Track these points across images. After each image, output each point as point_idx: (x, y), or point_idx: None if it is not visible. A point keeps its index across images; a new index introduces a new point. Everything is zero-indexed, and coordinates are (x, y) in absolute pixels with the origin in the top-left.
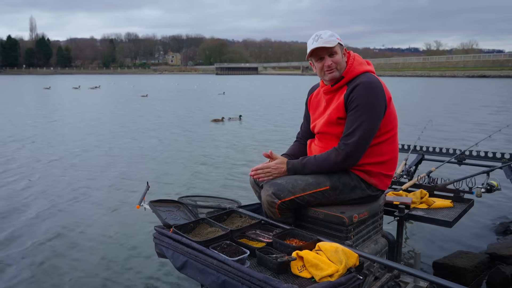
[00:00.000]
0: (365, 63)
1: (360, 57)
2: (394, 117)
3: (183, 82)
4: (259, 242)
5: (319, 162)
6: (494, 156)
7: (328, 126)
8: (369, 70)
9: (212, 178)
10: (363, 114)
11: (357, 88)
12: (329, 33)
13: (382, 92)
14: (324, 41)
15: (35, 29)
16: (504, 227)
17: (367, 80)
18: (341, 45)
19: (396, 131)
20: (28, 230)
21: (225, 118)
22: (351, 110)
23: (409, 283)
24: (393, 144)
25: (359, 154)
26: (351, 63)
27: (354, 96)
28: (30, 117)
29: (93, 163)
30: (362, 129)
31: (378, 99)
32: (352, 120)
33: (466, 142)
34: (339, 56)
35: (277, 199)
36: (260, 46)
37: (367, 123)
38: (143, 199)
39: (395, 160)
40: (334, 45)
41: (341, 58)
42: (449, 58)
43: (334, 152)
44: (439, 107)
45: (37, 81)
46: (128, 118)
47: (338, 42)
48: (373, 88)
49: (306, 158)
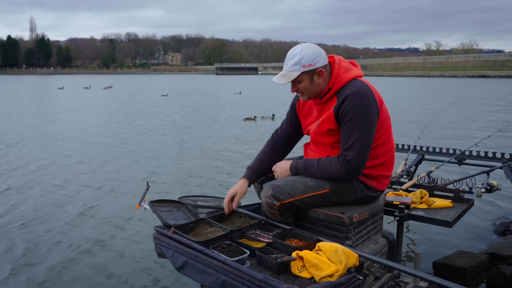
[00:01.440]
0: (351, 67)
1: (345, 61)
2: (387, 119)
3: (190, 82)
4: (259, 242)
5: (322, 172)
6: (494, 156)
7: (319, 136)
8: (357, 75)
9: (218, 176)
10: (359, 126)
11: (347, 100)
12: (295, 59)
13: (373, 98)
14: (281, 74)
15: (35, 29)
16: (504, 227)
17: (356, 89)
18: (311, 70)
19: (390, 131)
20: (26, 229)
21: (258, 117)
22: (345, 123)
23: (409, 283)
24: (388, 144)
25: (362, 166)
26: (336, 72)
27: (346, 109)
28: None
29: (113, 161)
30: (360, 142)
31: (371, 108)
32: (348, 133)
33: (466, 142)
34: (306, 83)
35: (276, 201)
36: (260, 46)
37: (364, 134)
38: (143, 199)
39: (392, 160)
40: (293, 78)
41: (309, 84)
42: (449, 58)
43: (337, 166)
44: (439, 107)
45: (44, 81)
46: (165, 116)
47: (303, 71)
48: (364, 97)
49: (309, 161)
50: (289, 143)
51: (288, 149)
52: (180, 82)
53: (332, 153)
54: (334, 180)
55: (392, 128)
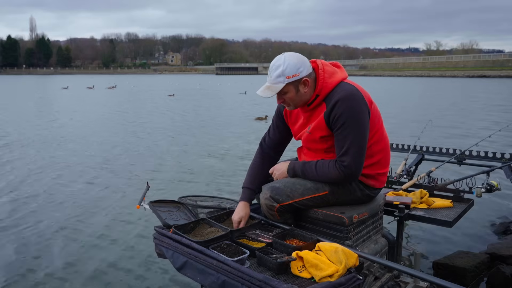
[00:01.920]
0: (336, 70)
1: (328, 65)
2: (378, 117)
3: (190, 82)
4: (259, 243)
5: (320, 176)
6: (494, 156)
7: (312, 143)
8: (342, 78)
9: (215, 177)
10: (352, 130)
11: (337, 105)
12: (279, 71)
13: (363, 100)
14: (265, 87)
15: (35, 29)
16: (504, 227)
17: (345, 94)
18: (296, 80)
19: (382, 128)
20: (25, 229)
21: (269, 117)
22: (338, 129)
23: (409, 283)
24: (382, 142)
25: (359, 169)
26: (322, 78)
27: (337, 115)
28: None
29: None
30: (355, 146)
31: (361, 110)
32: (342, 139)
33: (466, 142)
34: (292, 93)
35: (276, 203)
36: (260, 46)
37: (358, 137)
38: (143, 199)
39: (387, 157)
40: (277, 91)
41: (295, 94)
42: (449, 58)
43: (334, 171)
44: (439, 107)
45: (45, 81)
46: (175, 116)
47: (287, 82)
48: (354, 100)
49: (307, 164)
50: (278, 150)
51: (278, 156)
52: (180, 82)
53: (327, 157)
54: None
55: (384, 125)
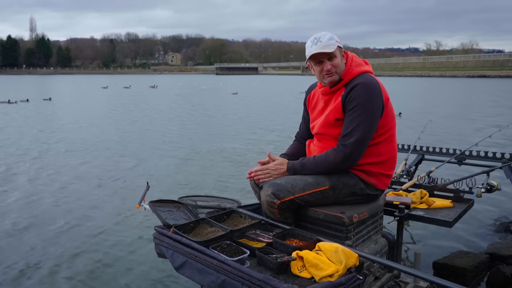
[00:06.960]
0: (363, 63)
1: (357, 57)
2: (392, 117)
3: (191, 82)
4: (259, 242)
5: (318, 163)
6: (494, 156)
7: (326, 127)
8: (367, 71)
9: (212, 178)
10: (361, 114)
11: (355, 89)
12: (328, 36)
13: (380, 92)
14: (323, 46)
15: (35, 29)
16: (504, 227)
17: (364, 81)
18: (340, 47)
19: (394, 130)
20: (25, 229)
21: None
22: (349, 110)
23: (409, 283)
24: (391, 143)
25: (358, 155)
26: (349, 65)
27: (352, 97)
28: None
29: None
30: (360, 130)
31: (376, 100)
32: (350, 120)
33: (466, 142)
34: (338, 59)
35: (277, 199)
36: (260, 46)
37: (365, 123)
38: (143, 199)
39: (394, 160)
40: (333, 50)
41: (340, 61)
42: (449, 58)
43: (332, 153)
44: (439, 107)
45: (52, 81)
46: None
47: (338, 46)
48: (371, 89)
49: (305, 158)
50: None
51: None
52: (182, 82)
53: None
54: (333, 176)
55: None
